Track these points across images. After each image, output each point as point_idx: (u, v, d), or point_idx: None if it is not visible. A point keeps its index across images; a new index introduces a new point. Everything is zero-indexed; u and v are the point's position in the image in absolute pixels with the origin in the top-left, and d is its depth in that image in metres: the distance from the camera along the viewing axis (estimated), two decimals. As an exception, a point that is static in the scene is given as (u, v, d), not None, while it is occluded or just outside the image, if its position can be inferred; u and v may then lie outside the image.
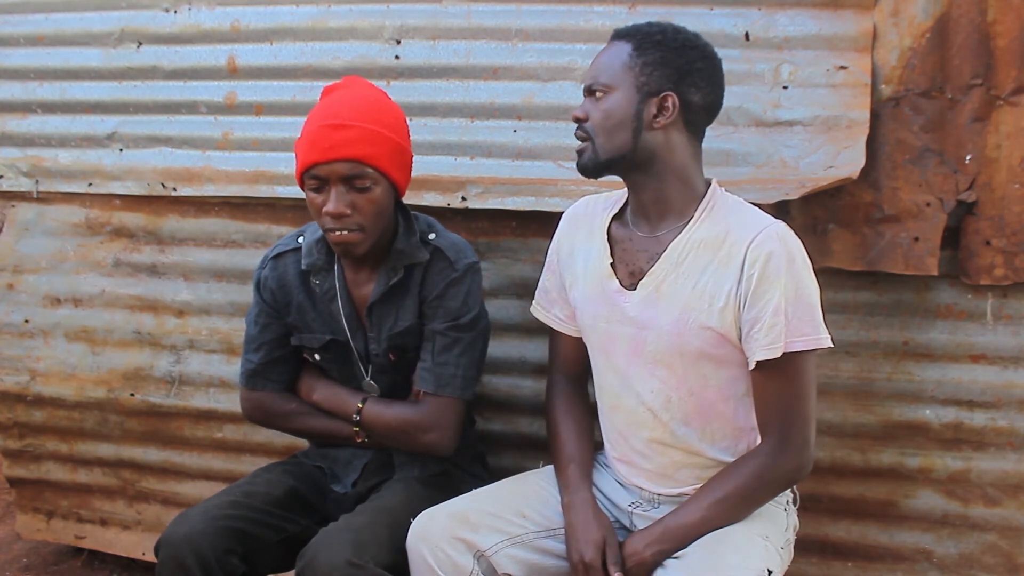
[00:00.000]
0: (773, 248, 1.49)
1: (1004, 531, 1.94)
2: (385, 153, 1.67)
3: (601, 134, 1.54)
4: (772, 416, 1.53)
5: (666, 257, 1.57)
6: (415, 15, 2.05)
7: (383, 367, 1.85)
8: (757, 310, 1.49)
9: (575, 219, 1.73)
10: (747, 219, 1.55)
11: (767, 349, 1.49)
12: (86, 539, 2.51)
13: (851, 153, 1.80)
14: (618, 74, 1.54)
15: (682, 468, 1.62)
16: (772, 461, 1.53)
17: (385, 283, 1.77)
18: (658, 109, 1.53)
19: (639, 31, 1.57)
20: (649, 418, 1.61)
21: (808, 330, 1.51)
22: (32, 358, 2.40)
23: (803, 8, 1.84)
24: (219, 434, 2.32)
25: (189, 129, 2.20)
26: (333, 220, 1.65)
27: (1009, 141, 1.78)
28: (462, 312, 1.78)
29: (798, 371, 1.52)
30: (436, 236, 1.81)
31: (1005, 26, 1.75)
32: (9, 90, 2.32)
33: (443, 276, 1.77)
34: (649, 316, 1.57)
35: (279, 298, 1.85)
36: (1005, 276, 1.81)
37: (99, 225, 2.31)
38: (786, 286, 1.49)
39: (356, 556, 1.54)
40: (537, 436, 2.11)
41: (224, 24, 2.16)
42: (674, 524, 1.54)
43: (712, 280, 1.53)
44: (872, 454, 1.97)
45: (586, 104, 1.58)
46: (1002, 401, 1.89)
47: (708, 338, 1.54)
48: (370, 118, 1.68)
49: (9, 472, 2.52)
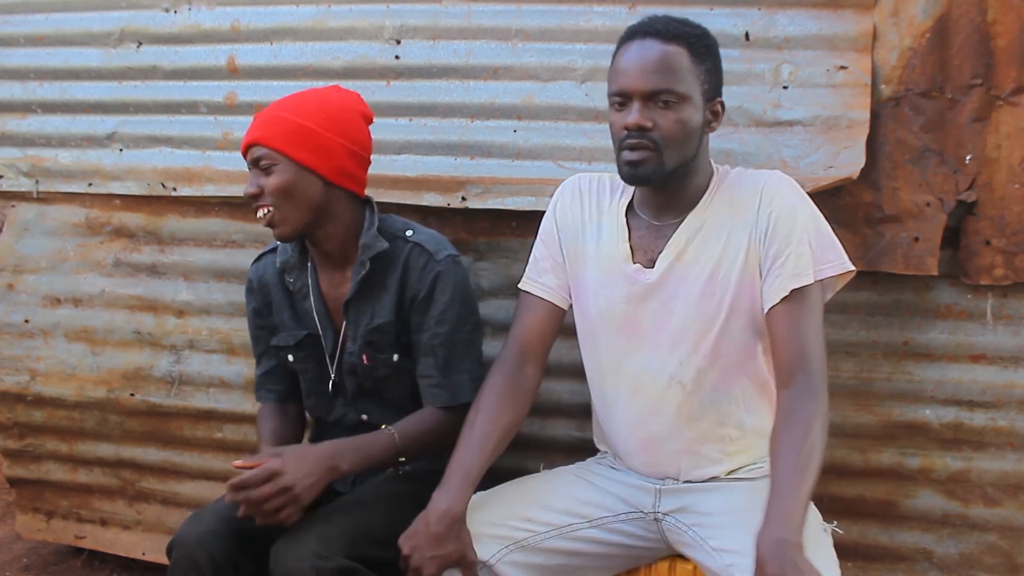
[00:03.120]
0: (783, 187, 1.55)
1: (1004, 531, 1.94)
2: (279, 133, 1.70)
3: (672, 145, 1.52)
4: (796, 355, 1.49)
5: (684, 228, 1.59)
6: (415, 15, 2.05)
7: (353, 368, 1.84)
8: (779, 243, 1.52)
9: (579, 194, 1.71)
10: (752, 176, 1.60)
11: (796, 278, 1.50)
12: (86, 539, 2.51)
13: (851, 153, 1.80)
14: (689, 82, 1.51)
15: (707, 442, 1.62)
16: (810, 402, 1.46)
17: (356, 278, 1.78)
18: (712, 114, 1.57)
19: (688, 34, 1.53)
20: (678, 392, 1.60)
21: (832, 256, 1.55)
22: (32, 358, 2.40)
23: (803, 8, 1.84)
24: (219, 434, 2.32)
25: (189, 129, 2.20)
26: (253, 201, 1.73)
27: (1009, 141, 1.78)
28: (455, 307, 1.77)
29: (815, 302, 1.52)
30: (413, 232, 1.81)
31: (1005, 26, 1.75)
32: (9, 90, 2.32)
33: (427, 271, 1.77)
34: (674, 285, 1.58)
35: (262, 299, 1.89)
36: (1005, 276, 1.81)
37: (99, 225, 2.31)
38: (805, 218, 1.54)
39: (322, 548, 1.54)
40: (537, 436, 2.11)
41: (224, 24, 2.16)
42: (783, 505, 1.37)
43: (735, 236, 1.56)
44: (872, 454, 1.97)
45: (649, 111, 1.51)
46: (1002, 401, 1.89)
47: (737, 292, 1.55)
48: (281, 105, 1.75)
49: (9, 472, 2.52)
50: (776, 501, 1.38)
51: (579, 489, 1.69)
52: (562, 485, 1.71)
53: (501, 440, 1.63)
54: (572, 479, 1.73)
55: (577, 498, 1.67)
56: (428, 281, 1.76)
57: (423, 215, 2.09)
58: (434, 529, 1.49)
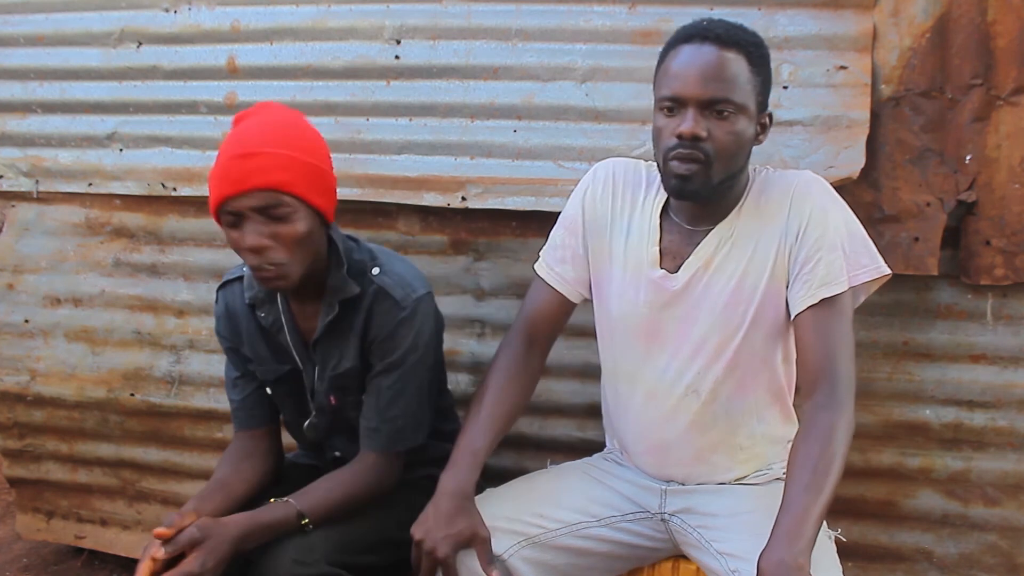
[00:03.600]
0: (815, 189, 1.51)
1: (1004, 531, 1.94)
2: (301, 178, 1.54)
3: (724, 157, 1.46)
4: (821, 364, 1.45)
5: (714, 235, 1.55)
6: (415, 15, 2.04)
7: (323, 407, 1.78)
8: (809, 248, 1.48)
9: (613, 183, 1.64)
10: (781, 178, 1.56)
11: (827, 286, 1.47)
12: (86, 539, 2.51)
13: (851, 153, 1.80)
14: (746, 93, 1.46)
15: (717, 451, 1.61)
16: (833, 414, 1.42)
17: (324, 320, 1.68)
18: (761, 126, 1.53)
19: (747, 42, 1.48)
20: (693, 401, 1.59)
21: (867, 260, 1.51)
22: (32, 358, 2.40)
23: (803, 8, 1.85)
24: (219, 434, 2.32)
25: (189, 129, 2.20)
26: (254, 256, 1.53)
27: (1009, 141, 1.78)
28: (411, 351, 1.68)
29: (846, 309, 1.48)
30: (380, 271, 1.68)
31: (1005, 26, 1.75)
32: (9, 90, 2.32)
33: (391, 317, 1.66)
34: (699, 294, 1.55)
35: (231, 329, 1.79)
36: (1005, 276, 1.81)
37: (99, 225, 2.31)
38: (837, 221, 1.50)
39: (302, 555, 1.53)
40: (537, 436, 2.11)
41: (224, 24, 2.16)
42: (790, 524, 1.34)
43: (763, 244, 1.52)
44: (872, 454, 1.97)
45: (704, 121, 1.45)
46: (1002, 401, 1.89)
47: (763, 302, 1.52)
48: (282, 143, 1.54)
49: (9, 472, 2.52)
50: (784, 519, 1.34)
51: (588, 486, 1.69)
52: (572, 482, 1.70)
53: (508, 420, 1.63)
54: (581, 475, 1.72)
55: (587, 496, 1.66)
56: (390, 328, 1.67)
57: (423, 215, 2.10)
58: (444, 508, 1.49)
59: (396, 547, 1.69)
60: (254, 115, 1.62)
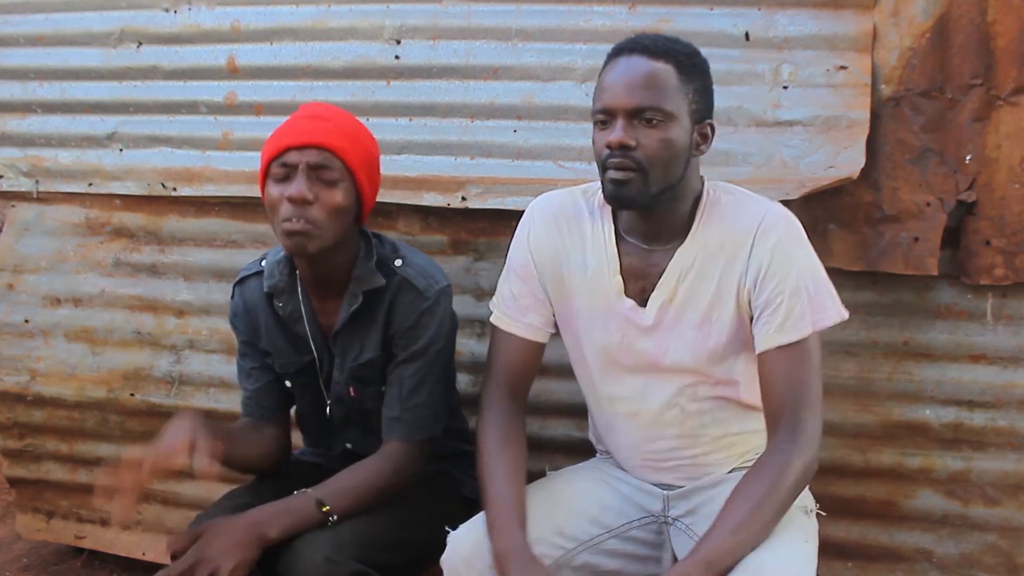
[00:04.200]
0: (781, 232, 1.48)
1: (1004, 531, 1.94)
2: (359, 154, 1.64)
3: (658, 166, 1.44)
4: (785, 404, 1.45)
5: (674, 264, 1.53)
6: (415, 15, 2.04)
7: (340, 398, 1.80)
8: (769, 293, 1.46)
9: (554, 219, 1.61)
10: (747, 208, 1.52)
11: (791, 332, 1.45)
12: (86, 539, 2.51)
13: (851, 153, 1.80)
14: (675, 100, 1.44)
15: (711, 453, 1.62)
16: (792, 450, 1.42)
17: (347, 310, 1.70)
18: (701, 136, 1.50)
19: (676, 51, 1.46)
20: (676, 415, 1.59)
21: (830, 303, 1.49)
22: (32, 358, 2.40)
23: (803, 8, 1.84)
24: (219, 434, 2.32)
25: (189, 129, 2.20)
26: (293, 207, 1.57)
27: (1009, 141, 1.77)
28: (433, 342, 1.71)
29: (811, 351, 1.47)
30: (402, 263, 1.72)
31: (1005, 26, 1.75)
32: (9, 90, 2.32)
33: (414, 307, 1.69)
34: (669, 325, 1.54)
35: (249, 325, 1.81)
36: (1005, 276, 1.81)
37: (99, 225, 2.31)
38: (801, 265, 1.48)
39: (335, 553, 1.53)
40: (537, 436, 2.11)
41: (224, 24, 2.16)
42: (710, 554, 1.37)
43: (725, 280, 1.50)
44: (872, 454, 1.97)
45: (632, 130, 1.44)
46: (1002, 401, 1.89)
47: (732, 331, 1.52)
48: (348, 120, 1.68)
49: (9, 472, 2.52)
50: (704, 548, 1.37)
51: (597, 488, 1.68)
52: (584, 487, 1.68)
53: (522, 476, 1.58)
54: (589, 476, 1.72)
55: (599, 502, 1.66)
56: (413, 319, 1.70)
57: (423, 215, 2.09)
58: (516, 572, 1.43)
59: (410, 546, 1.70)
60: (322, 103, 1.76)
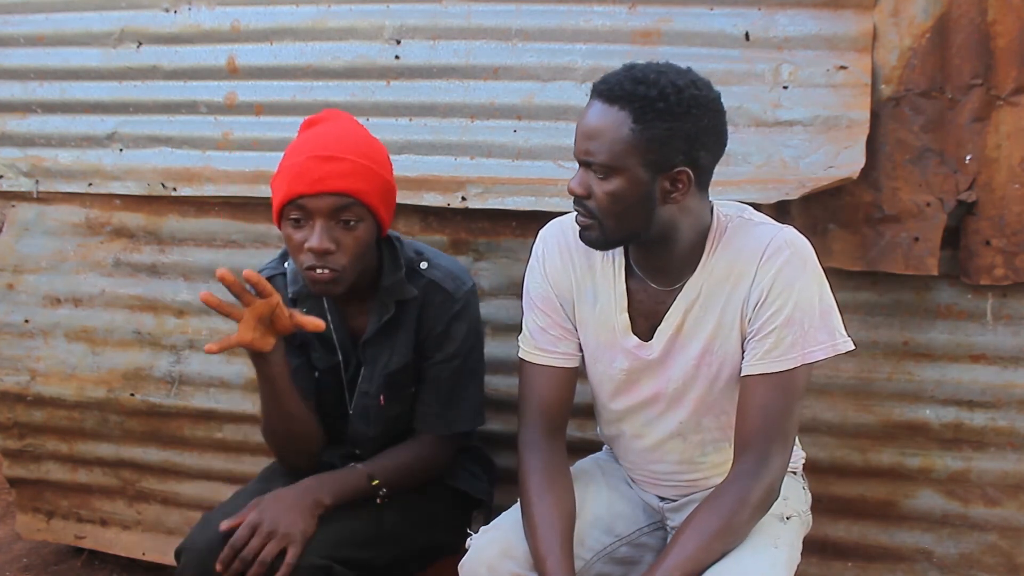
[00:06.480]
0: (785, 258, 1.42)
1: (1004, 531, 1.94)
2: (375, 189, 1.60)
3: (609, 217, 1.39)
4: (757, 434, 1.42)
5: (682, 297, 1.50)
6: (415, 15, 2.04)
7: (366, 409, 1.78)
8: (764, 320, 1.43)
9: (568, 249, 1.57)
10: (754, 235, 1.46)
11: (777, 361, 1.42)
12: (86, 539, 2.51)
13: (851, 153, 1.80)
14: (620, 154, 1.35)
15: (712, 472, 1.62)
16: (753, 483, 1.40)
17: (377, 321, 1.71)
18: (671, 184, 1.39)
19: (635, 96, 1.35)
20: (678, 443, 1.60)
21: (824, 337, 1.43)
22: (32, 358, 2.39)
23: (803, 8, 1.84)
24: (219, 434, 2.32)
25: (189, 129, 2.20)
26: (315, 257, 1.56)
27: (1009, 141, 1.77)
28: (466, 340, 1.74)
29: (796, 383, 1.43)
30: (428, 266, 1.73)
31: (1005, 26, 1.75)
32: (9, 90, 2.32)
33: (444, 310, 1.71)
34: (673, 357, 1.53)
35: None
36: (1005, 276, 1.81)
37: (99, 225, 2.31)
38: (801, 295, 1.42)
39: (317, 556, 1.54)
40: (537, 436, 2.11)
41: (224, 24, 2.16)
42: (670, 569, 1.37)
43: (729, 308, 1.47)
44: (872, 454, 1.97)
45: (584, 177, 1.40)
46: (1002, 401, 1.89)
47: (734, 361, 1.50)
48: (360, 152, 1.60)
49: (9, 472, 2.52)
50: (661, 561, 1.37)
51: (609, 494, 1.69)
52: (597, 495, 1.67)
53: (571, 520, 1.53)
54: (601, 480, 1.71)
55: (612, 509, 1.66)
56: (445, 320, 1.72)
57: (423, 215, 2.10)
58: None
59: (395, 543, 1.70)
60: (327, 121, 1.67)
